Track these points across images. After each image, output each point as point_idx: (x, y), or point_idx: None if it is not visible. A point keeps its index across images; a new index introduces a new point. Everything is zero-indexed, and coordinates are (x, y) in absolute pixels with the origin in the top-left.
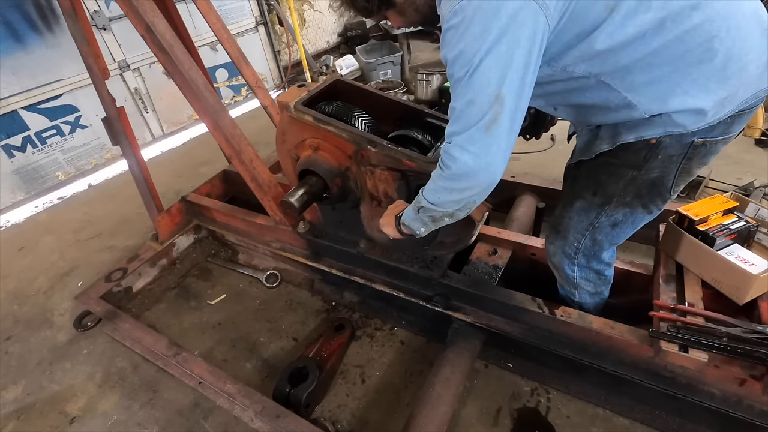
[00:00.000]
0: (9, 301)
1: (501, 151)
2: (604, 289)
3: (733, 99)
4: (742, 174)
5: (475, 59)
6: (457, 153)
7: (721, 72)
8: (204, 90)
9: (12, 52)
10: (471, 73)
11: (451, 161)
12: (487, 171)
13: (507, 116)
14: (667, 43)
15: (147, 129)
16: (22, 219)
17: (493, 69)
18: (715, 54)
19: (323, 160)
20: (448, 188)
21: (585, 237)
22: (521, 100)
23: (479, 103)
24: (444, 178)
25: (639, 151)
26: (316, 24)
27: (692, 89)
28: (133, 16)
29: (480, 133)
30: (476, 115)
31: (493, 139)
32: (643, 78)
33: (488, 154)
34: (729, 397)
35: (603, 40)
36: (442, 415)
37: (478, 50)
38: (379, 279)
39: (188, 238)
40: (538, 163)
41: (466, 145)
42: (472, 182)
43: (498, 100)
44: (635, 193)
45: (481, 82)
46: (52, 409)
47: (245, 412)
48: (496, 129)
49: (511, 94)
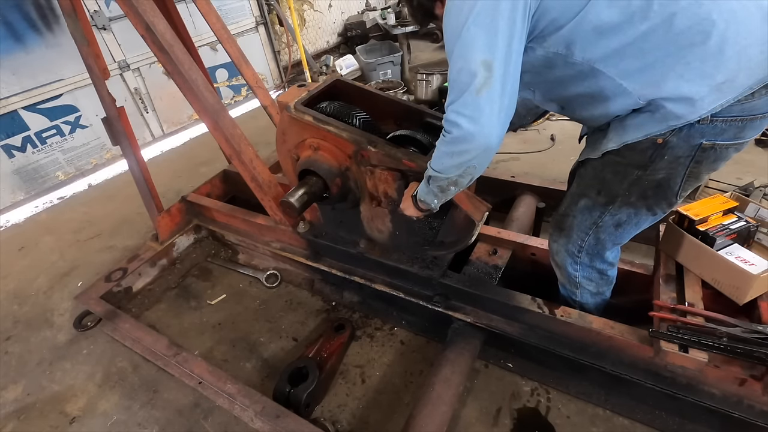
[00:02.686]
0: (9, 301)
1: (495, 113)
2: (606, 289)
3: (732, 84)
4: (742, 174)
5: (461, 29)
6: (454, 117)
7: (718, 55)
8: (204, 90)
9: (12, 52)
10: (458, 42)
11: (450, 126)
12: (482, 133)
13: (497, 80)
14: (654, 26)
15: (147, 129)
16: (22, 219)
17: (477, 37)
18: (708, 36)
19: (323, 160)
20: (449, 152)
21: (588, 236)
22: (509, 64)
23: (467, 69)
24: (445, 143)
25: (645, 150)
26: (316, 24)
27: (686, 73)
28: (133, 16)
29: (472, 97)
30: (466, 81)
31: (485, 101)
32: (636, 64)
33: (482, 116)
34: (729, 397)
35: (589, 20)
36: (442, 415)
37: (463, 21)
38: (379, 279)
39: (188, 238)
40: (538, 163)
41: (461, 110)
42: (469, 145)
43: (485, 65)
44: (640, 193)
45: (467, 49)
46: (52, 409)
47: (245, 412)
48: (487, 92)
49: (499, 60)
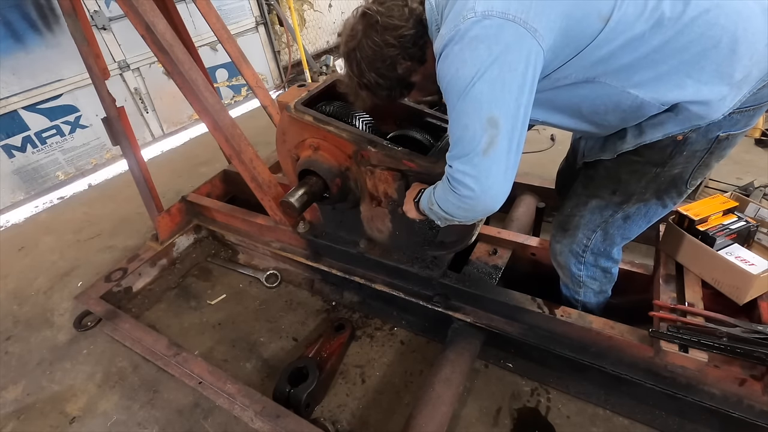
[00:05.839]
0: (9, 301)
1: (501, 172)
2: (609, 287)
3: (748, 79)
4: (742, 174)
5: (467, 84)
6: (460, 177)
7: (731, 55)
8: (204, 90)
9: (12, 52)
10: (463, 97)
11: (456, 183)
12: (489, 194)
13: (504, 138)
14: (667, 39)
15: (147, 129)
16: (22, 219)
17: (485, 93)
18: (719, 40)
19: (323, 160)
20: (455, 205)
21: (596, 234)
22: (517, 121)
23: (473, 127)
24: (452, 195)
25: (665, 148)
26: (316, 24)
27: (703, 77)
28: (133, 16)
29: (479, 158)
30: (473, 140)
31: (492, 161)
32: (649, 74)
33: (489, 177)
34: (729, 397)
35: (602, 47)
36: (442, 415)
37: (470, 75)
38: (379, 279)
39: (188, 238)
40: (538, 163)
41: (467, 170)
42: (475, 204)
43: (492, 123)
44: (655, 189)
45: (473, 106)
46: (52, 409)
47: (245, 412)
48: (493, 152)
49: (506, 117)
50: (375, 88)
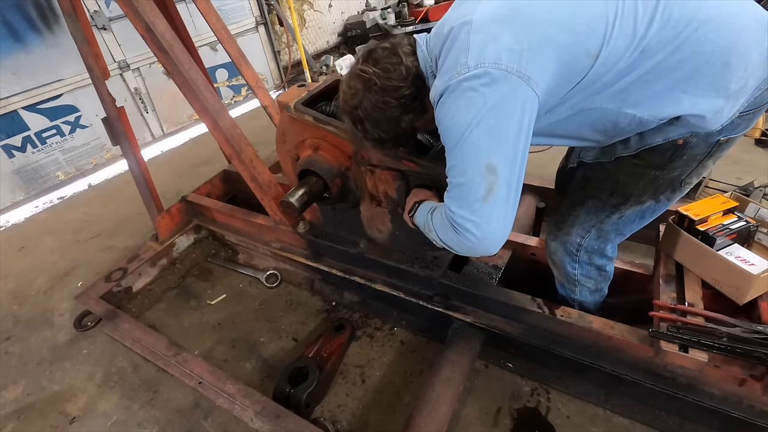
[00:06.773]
0: (9, 301)
1: (501, 217)
2: (604, 285)
3: (745, 89)
4: (742, 174)
5: (465, 130)
6: (461, 222)
7: (725, 68)
8: (204, 90)
9: (12, 52)
10: (461, 143)
11: (457, 227)
12: (490, 239)
13: (503, 184)
14: (658, 61)
15: (147, 129)
16: (22, 219)
17: (483, 140)
18: (710, 55)
19: (323, 160)
20: (455, 242)
21: (590, 233)
22: (515, 166)
23: (472, 173)
24: (453, 234)
25: (665, 151)
26: (316, 24)
27: (698, 91)
28: (133, 16)
29: (478, 204)
30: (472, 187)
31: (492, 208)
32: (644, 93)
33: (489, 223)
34: (729, 397)
35: (594, 81)
36: (442, 415)
37: (467, 122)
38: (379, 279)
39: (188, 238)
40: (538, 163)
41: (468, 216)
42: (476, 247)
43: (490, 170)
44: (653, 191)
45: (471, 152)
46: (52, 409)
47: (245, 412)
48: (493, 198)
49: (504, 163)
50: (380, 142)
